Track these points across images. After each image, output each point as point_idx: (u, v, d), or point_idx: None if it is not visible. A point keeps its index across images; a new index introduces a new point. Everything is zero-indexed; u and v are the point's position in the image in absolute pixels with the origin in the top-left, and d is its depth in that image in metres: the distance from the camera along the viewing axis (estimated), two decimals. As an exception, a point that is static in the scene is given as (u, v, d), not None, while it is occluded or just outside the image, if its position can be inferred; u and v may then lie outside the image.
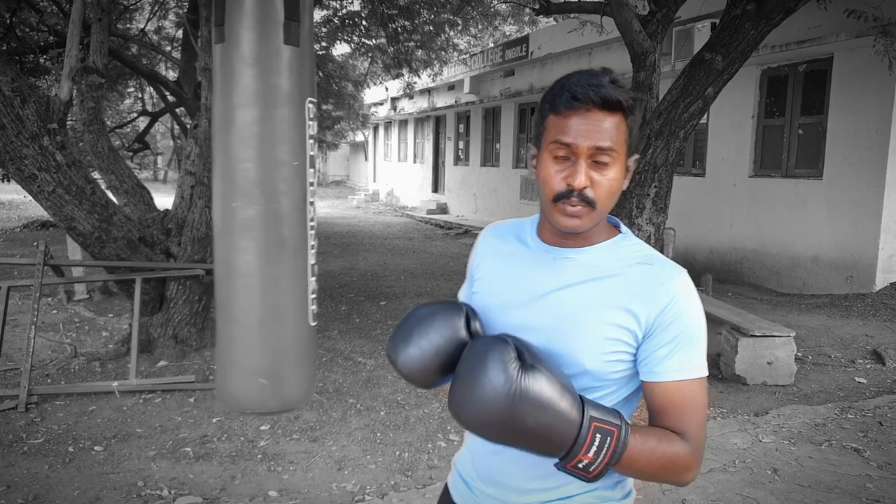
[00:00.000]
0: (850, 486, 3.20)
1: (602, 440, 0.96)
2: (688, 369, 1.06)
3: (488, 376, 0.96)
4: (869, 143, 7.34)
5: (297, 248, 1.67)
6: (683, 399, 1.06)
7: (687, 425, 1.05)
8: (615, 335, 1.07)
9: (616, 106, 1.04)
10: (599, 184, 1.05)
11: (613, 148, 1.04)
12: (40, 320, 4.98)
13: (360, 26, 10.94)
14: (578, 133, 1.04)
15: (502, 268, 1.20)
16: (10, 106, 3.94)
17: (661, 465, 1.02)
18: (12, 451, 3.47)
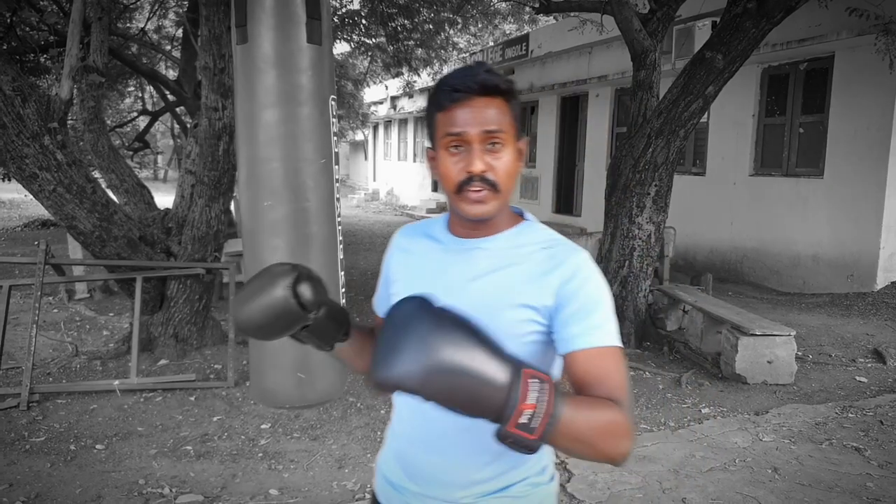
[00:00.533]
0: (851, 485, 3.20)
1: (540, 388, 0.91)
2: (600, 335, 1.07)
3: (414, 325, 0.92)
4: (870, 141, 7.34)
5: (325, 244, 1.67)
6: (603, 365, 1.05)
7: (611, 389, 1.02)
8: (528, 317, 1.10)
9: (495, 90, 1.09)
10: (496, 167, 1.09)
11: (501, 129, 1.09)
12: (41, 319, 4.98)
13: (359, 25, 10.94)
14: (466, 122, 1.08)
15: (417, 265, 1.23)
16: (11, 105, 3.94)
17: (601, 429, 0.97)
18: (14, 449, 3.48)
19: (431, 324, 0.93)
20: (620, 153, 5.61)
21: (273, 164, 1.61)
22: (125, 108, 15.89)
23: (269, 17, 1.58)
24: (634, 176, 5.42)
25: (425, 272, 1.21)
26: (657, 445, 3.65)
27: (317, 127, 1.63)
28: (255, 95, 1.61)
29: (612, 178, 5.66)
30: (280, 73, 1.59)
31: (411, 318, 0.94)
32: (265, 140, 1.61)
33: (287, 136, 1.61)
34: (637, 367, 4.98)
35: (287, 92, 1.60)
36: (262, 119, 1.61)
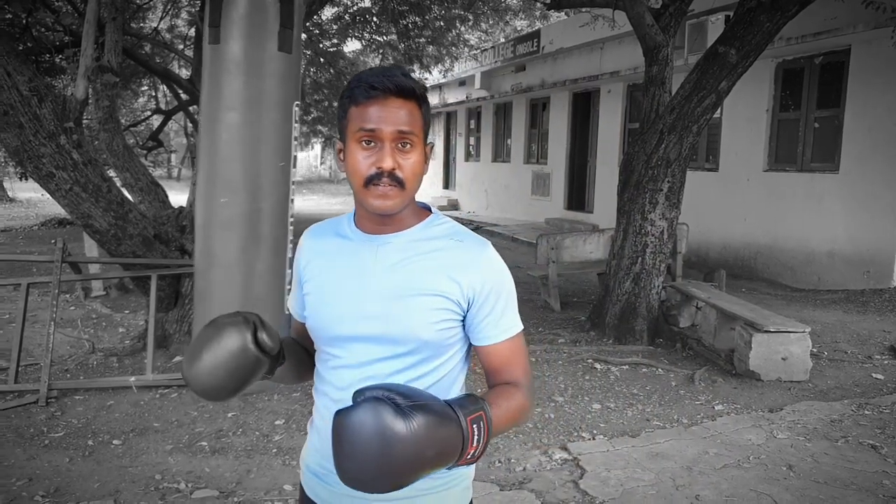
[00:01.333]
0: (867, 483, 3.18)
1: (479, 428, 1.01)
2: (511, 328, 1.21)
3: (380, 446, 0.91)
4: (886, 136, 7.25)
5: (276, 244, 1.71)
6: (512, 353, 1.21)
7: (519, 375, 1.21)
8: (440, 305, 1.17)
9: (410, 93, 1.14)
10: (404, 166, 1.14)
11: (413, 132, 1.14)
12: (59, 316, 5.04)
13: (370, 23, 10.95)
14: (381, 119, 1.12)
15: (328, 264, 1.25)
16: (28, 105, 3.98)
17: (513, 418, 1.15)
18: (34, 444, 3.53)
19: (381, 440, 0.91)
20: (633, 149, 5.59)
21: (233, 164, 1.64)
22: (139, 108, 16.01)
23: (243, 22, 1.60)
24: (647, 172, 5.39)
25: (337, 270, 1.23)
26: (670, 442, 3.64)
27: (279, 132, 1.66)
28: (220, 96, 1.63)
29: (624, 175, 5.64)
30: (248, 78, 1.61)
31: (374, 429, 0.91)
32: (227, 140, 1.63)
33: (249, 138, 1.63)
34: (650, 363, 4.96)
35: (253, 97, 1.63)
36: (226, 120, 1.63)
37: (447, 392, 1.21)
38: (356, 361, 1.20)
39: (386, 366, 1.19)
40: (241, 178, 1.60)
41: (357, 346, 1.20)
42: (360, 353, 1.20)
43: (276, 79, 1.60)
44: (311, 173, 32.80)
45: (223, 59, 1.58)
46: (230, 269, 1.62)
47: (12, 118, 3.95)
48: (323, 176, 32.32)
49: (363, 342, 1.19)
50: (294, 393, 4.32)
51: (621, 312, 5.54)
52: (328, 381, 1.25)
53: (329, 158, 31.88)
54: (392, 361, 1.18)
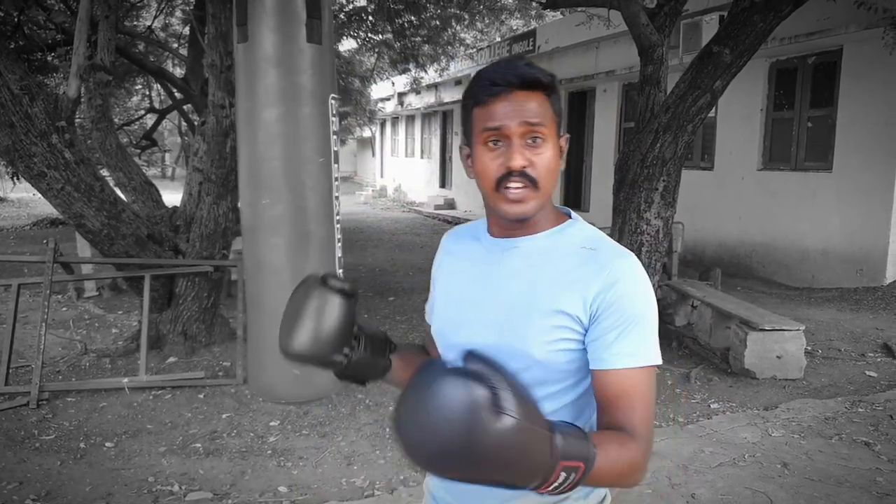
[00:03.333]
0: (861, 480, 3.18)
1: (566, 477, 0.88)
2: (632, 357, 1.02)
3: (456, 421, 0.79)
4: (879, 135, 7.28)
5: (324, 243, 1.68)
6: (630, 389, 1.01)
7: (636, 421, 1.00)
8: (560, 322, 1.04)
9: (535, 84, 1.04)
10: (536, 163, 1.04)
11: (542, 123, 1.04)
12: (50, 317, 5.01)
13: (366, 22, 10.92)
14: (505, 115, 1.03)
15: (457, 267, 1.20)
16: (19, 104, 3.96)
17: (619, 474, 0.97)
18: (24, 447, 3.50)
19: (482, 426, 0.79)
20: (628, 148, 5.59)
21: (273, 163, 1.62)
22: (132, 107, 15.94)
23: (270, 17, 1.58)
24: (642, 171, 5.39)
25: (464, 273, 1.18)
26: (666, 441, 3.64)
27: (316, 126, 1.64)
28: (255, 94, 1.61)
29: (619, 174, 5.64)
30: (280, 73, 1.59)
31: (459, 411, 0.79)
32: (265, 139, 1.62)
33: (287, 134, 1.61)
34: (645, 362, 4.96)
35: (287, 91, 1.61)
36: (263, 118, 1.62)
37: None
38: None
39: None
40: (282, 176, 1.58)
41: None
42: None
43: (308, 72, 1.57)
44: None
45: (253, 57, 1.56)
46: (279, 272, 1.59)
47: (3, 117, 3.92)
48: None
49: None
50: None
51: (616, 311, 5.53)
52: None
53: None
54: None
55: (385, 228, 14.19)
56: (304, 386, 1.66)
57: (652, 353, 1.04)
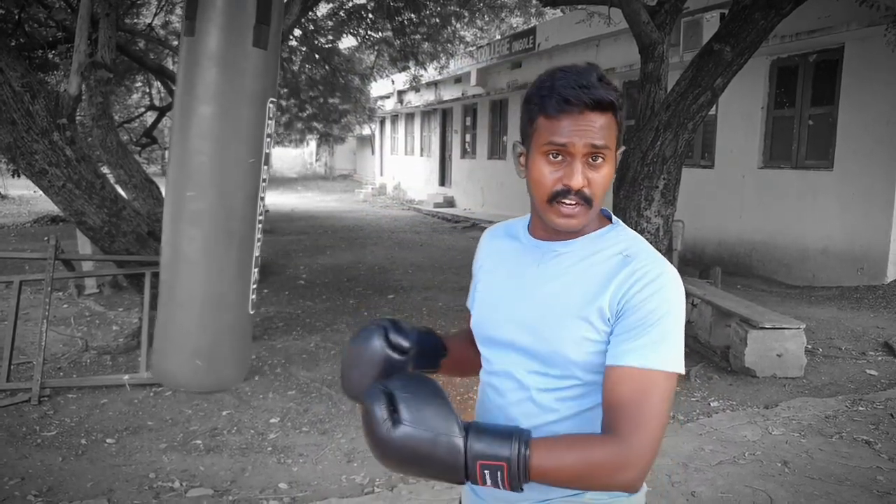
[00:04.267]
0: (861, 479, 3.19)
1: (493, 475, 0.97)
2: (644, 358, 1.01)
3: (368, 430, 1.00)
4: (880, 133, 7.27)
5: (243, 241, 1.69)
6: (633, 388, 1.01)
7: (627, 423, 1.00)
8: (595, 325, 1.06)
9: (608, 106, 1.05)
10: (595, 182, 1.07)
11: (607, 146, 1.06)
12: (51, 314, 5.01)
13: (366, 19, 10.90)
14: (573, 133, 1.04)
15: (497, 266, 1.23)
16: (21, 101, 3.96)
17: (576, 473, 0.99)
18: (26, 443, 3.51)
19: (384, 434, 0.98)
20: (628, 146, 5.59)
21: (202, 158, 1.63)
22: (133, 104, 15.93)
23: (219, 16, 1.58)
24: (643, 169, 5.39)
25: (504, 273, 1.20)
26: (666, 439, 3.62)
27: (251, 128, 1.65)
28: (194, 89, 1.62)
29: (620, 172, 5.64)
30: (222, 72, 1.60)
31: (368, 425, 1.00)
32: (197, 134, 1.62)
33: (220, 133, 1.62)
34: (645, 360, 4.96)
35: (226, 91, 1.61)
36: (198, 113, 1.62)
37: None
38: (507, 369, 1.16)
39: (539, 380, 1.12)
40: (209, 172, 1.59)
41: (510, 353, 1.16)
42: (510, 361, 1.15)
43: (250, 74, 1.58)
44: (306, 170, 32.72)
45: (197, 52, 1.57)
46: (195, 265, 1.61)
47: (4, 114, 3.93)
48: (318, 173, 32.25)
49: (514, 351, 1.15)
50: (289, 391, 4.31)
51: (617, 309, 5.54)
52: (486, 384, 1.22)
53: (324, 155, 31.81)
54: (544, 378, 1.12)
55: (384, 226, 14.19)
56: (206, 376, 1.69)
57: (666, 359, 1.02)
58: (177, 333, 1.63)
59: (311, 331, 5.68)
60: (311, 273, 8.40)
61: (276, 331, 5.66)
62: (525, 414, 1.13)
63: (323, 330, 5.73)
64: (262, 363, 4.80)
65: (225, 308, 1.59)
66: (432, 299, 6.98)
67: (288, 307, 6.51)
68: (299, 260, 9.36)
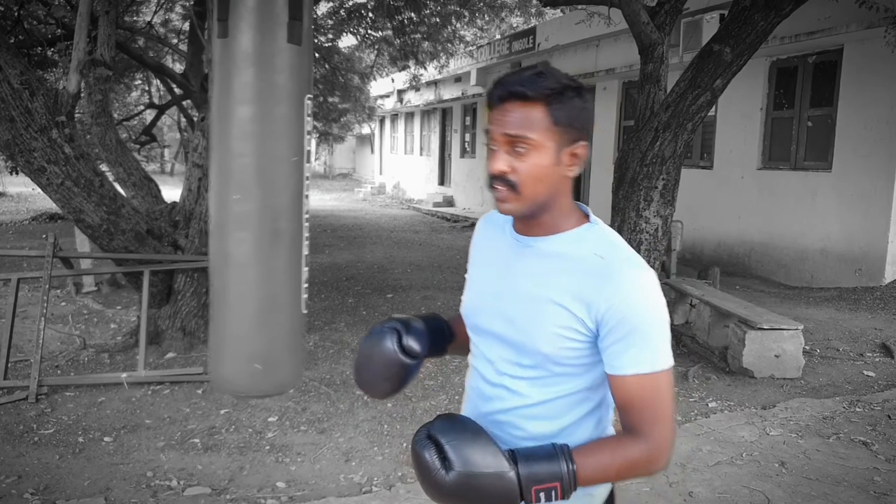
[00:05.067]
0: (859, 480, 3.19)
1: (547, 495, 1.06)
2: (642, 364, 1.09)
3: (423, 477, 1.09)
4: (879, 134, 7.28)
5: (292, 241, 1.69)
6: (641, 392, 1.10)
7: (644, 422, 1.10)
8: (567, 323, 1.12)
9: (522, 97, 1.10)
10: (519, 169, 1.12)
11: (524, 135, 1.10)
12: (49, 312, 5.01)
13: (366, 18, 10.90)
14: (493, 123, 1.14)
15: (484, 255, 1.31)
16: (20, 99, 3.95)
17: (619, 474, 1.12)
18: (23, 441, 3.51)
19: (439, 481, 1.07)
20: (628, 146, 5.59)
21: (244, 160, 1.62)
22: (132, 102, 15.92)
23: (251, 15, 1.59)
24: (642, 169, 5.40)
25: (488, 263, 1.28)
26: (664, 439, 3.64)
27: (291, 125, 1.65)
28: (231, 91, 1.62)
29: (619, 172, 5.64)
30: (258, 71, 1.60)
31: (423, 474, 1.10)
32: (238, 135, 1.62)
33: (260, 132, 1.62)
34: (643, 361, 4.97)
35: (263, 90, 1.61)
36: (237, 114, 1.62)
37: (574, 412, 1.19)
38: (489, 356, 1.24)
39: (515, 369, 1.20)
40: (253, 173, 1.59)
41: (490, 341, 1.24)
42: (491, 349, 1.24)
43: (286, 72, 1.58)
44: (305, 169, 32.65)
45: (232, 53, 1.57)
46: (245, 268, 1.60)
47: (3, 112, 3.92)
48: (318, 172, 32.26)
49: (494, 339, 1.23)
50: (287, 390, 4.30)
51: (615, 310, 5.54)
52: (471, 367, 1.32)
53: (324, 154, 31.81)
54: (519, 368, 1.19)
55: (384, 225, 14.19)
56: (265, 380, 1.68)
57: (659, 359, 1.10)
58: (232, 338, 1.63)
59: (310, 329, 5.68)
60: (310, 272, 8.36)
61: (274, 329, 5.65)
62: (499, 396, 1.22)
63: (321, 329, 5.73)
64: (260, 362, 4.80)
65: (278, 309, 1.60)
66: (431, 298, 6.98)
67: (286, 306, 6.50)
68: (298, 259, 9.34)
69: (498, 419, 1.22)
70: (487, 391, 1.24)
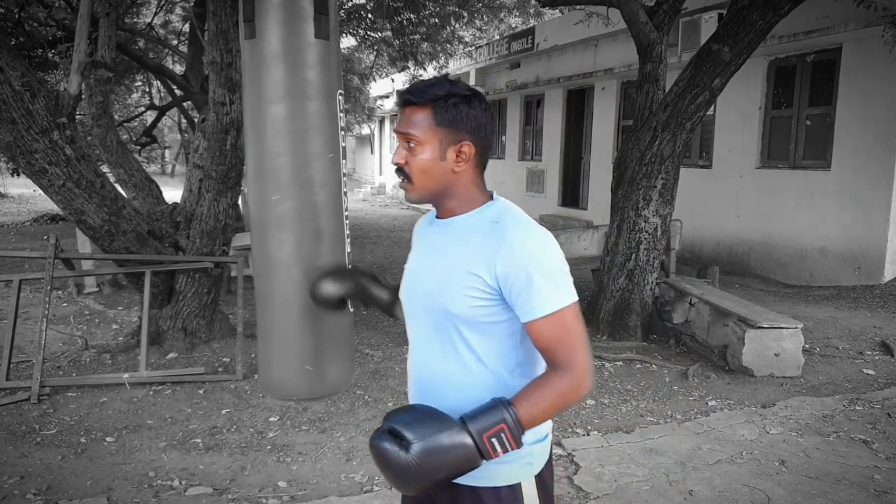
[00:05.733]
0: (858, 478, 3.20)
1: (499, 440, 1.18)
2: (544, 306, 1.23)
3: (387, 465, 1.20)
4: (878, 133, 7.29)
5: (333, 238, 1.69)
6: (552, 331, 1.24)
7: (562, 355, 1.25)
8: (473, 283, 1.27)
9: (409, 103, 1.30)
10: (410, 163, 1.31)
11: (413, 134, 1.29)
12: (51, 313, 5.02)
13: (365, 19, 10.92)
14: (398, 122, 1.33)
15: (416, 245, 1.48)
16: (21, 101, 3.96)
17: (554, 406, 1.24)
18: (25, 441, 3.52)
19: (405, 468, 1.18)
20: (627, 146, 5.60)
21: (281, 159, 1.63)
22: (133, 103, 15.93)
23: (277, 13, 1.59)
24: (641, 169, 5.41)
25: (417, 249, 1.46)
26: (664, 438, 3.66)
27: (325, 122, 1.65)
28: (262, 90, 1.62)
29: (618, 172, 5.66)
30: (288, 68, 1.61)
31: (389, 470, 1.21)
32: (273, 134, 1.63)
33: (295, 130, 1.63)
34: (644, 359, 4.98)
35: (295, 87, 1.62)
36: (270, 114, 1.63)
37: (503, 367, 1.32)
38: (419, 334, 1.40)
39: (439, 342, 1.34)
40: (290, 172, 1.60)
41: (418, 319, 1.39)
42: (420, 325, 1.39)
43: (316, 67, 1.59)
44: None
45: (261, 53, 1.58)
46: (289, 268, 1.62)
47: (4, 113, 3.93)
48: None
49: (420, 316, 1.39)
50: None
51: (615, 309, 5.56)
52: (410, 355, 1.46)
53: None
54: (441, 336, 1.33)
55: (383, 225, 14.20)
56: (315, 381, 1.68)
57: (561, 297, 1.25)
58: (280, 341, 1.64)
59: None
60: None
61: (275, 330, 5.66)
62: (434, 371, 1.36)
63: (322, 329, 5.74)
64: (261, 362, 4.81)
65: None
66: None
67: (287, 306, 6.51)
68: (298, 259, 9.35)
69: (440, 395, 1.34)
70: (424, 371, 1.39)
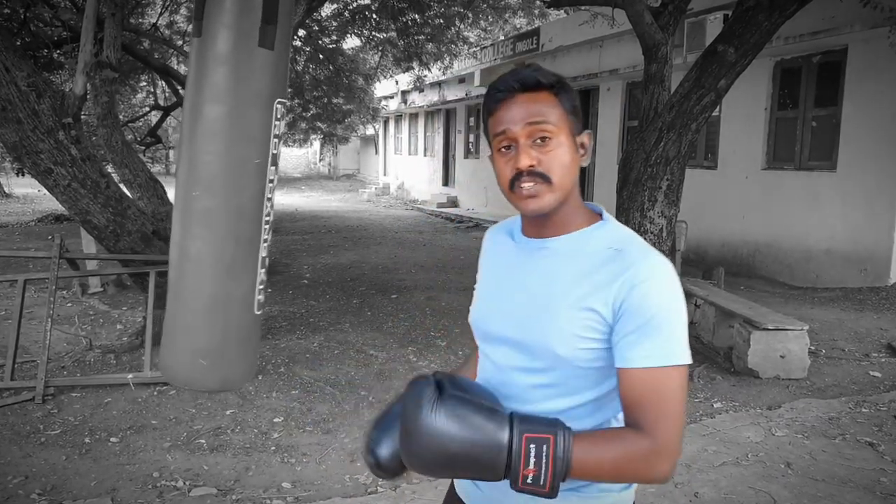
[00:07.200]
0: (865, 481, 3.19)
1: (538, 450, 0.97)
2: (655, 357, 1.03)
3: (409, 418, 1.01)
4: (883, 134, 7.26)
5: (250, 241, 1.71)
6: (650, 388, 1.03)
7: (650, 418, 1.02)
8: (585, 321, 1.07)
9: (535, 85, 1.09)
10: (545, 160, 1.08)
11: (546, 121, 1.08)
12: (56, 313, 5.02)
13: (370, 20, 10.92)
14: (510, 119, 1.08)
15: (493, 263, 1.26)
16: (27, 101, 3.97)
17: (615, 465, 1.02)
18: (30, 441, 3.53)
19: (426, 415, 0.99)
20: (632, 147, 5.59)
21: (208, 158, 1.65)
22: (137, 104, 15.96)
23: (226, 16, 1.60)
24: (646, 170, 5.39)
25: (497, 269, 1.24)
26: (668, 440, 3.64)
27: (258, 128, 1.67)
28: (202, 90, 1.64)
29: (623, 172, 5.64)
30: (228, 72, 1.62)
31: (411, 409, 1.02)
32: (204, 133, 1.64)
33: (225, 132, 1.64)
34: (648, 361, 4.96)
35: (232, 91, 1.63)
36: (206, 113, 1.64)
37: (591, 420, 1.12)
38: (498, 364, 1.18)
39: (524, 377, 1.13)
40: (215, 172, 1.62)
41: (501, 347, 1.17)
42: (502, 355, 1.17)
43: (257, 75, 1.60)
44: (310, 170, 32.76)
45: (205, 53, 1.59)
46: (201, 264, 1.63)
47: (10, 114, 3.94)
48: (322, 173, 32.29)
49: (505, 345, 1.16)
50: (293, 390, 4.32)
51: (620, 310, 5.54)
52: (480, 379, 1.23)
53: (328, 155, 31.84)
54: (530, 375, 1.13)
55: (388, 226, 14.20)
56: (210, 375, 1.71)
57: (675, 354, 1.04)
58: (182, 332, 1.65)
59: (315, 330, 5.69)
60: (315, 272, 8.42)
61: (279, 330, 5.67)
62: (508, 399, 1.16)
63: (326, 329, 5.75)
64: (265, 362, 4.81)
65: (230, 308, 1.60)
66: (435, 299, 6.99)
67: (291, 306, 6.52)
68: (303, 259, 9.37)
69: None
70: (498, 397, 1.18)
